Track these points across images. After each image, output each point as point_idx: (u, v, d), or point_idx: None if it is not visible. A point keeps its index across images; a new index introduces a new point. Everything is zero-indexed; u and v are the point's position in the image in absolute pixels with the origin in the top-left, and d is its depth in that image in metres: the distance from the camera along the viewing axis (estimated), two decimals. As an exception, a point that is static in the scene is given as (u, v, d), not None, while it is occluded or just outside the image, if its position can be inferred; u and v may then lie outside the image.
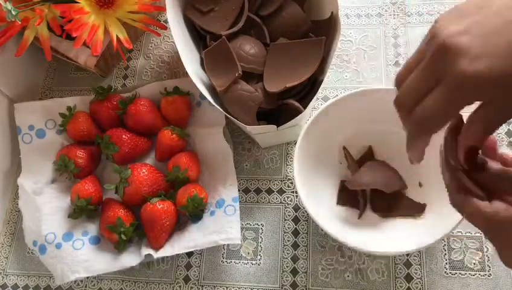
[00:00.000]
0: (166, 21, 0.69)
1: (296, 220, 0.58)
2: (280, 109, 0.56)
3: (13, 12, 0.55)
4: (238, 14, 0.58)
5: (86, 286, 0.59)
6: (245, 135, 0.63)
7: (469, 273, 0.52)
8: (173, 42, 0.71)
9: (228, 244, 0.58)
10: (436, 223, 0.49)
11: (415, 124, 0.32)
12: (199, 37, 0.62)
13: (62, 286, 0.60)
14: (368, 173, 0.54)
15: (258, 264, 0.57)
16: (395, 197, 0.54)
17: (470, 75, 0.27)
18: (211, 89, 0.57)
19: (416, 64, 0.32)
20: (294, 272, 0.56)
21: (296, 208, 0.59)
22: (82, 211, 0.58)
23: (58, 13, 0.59)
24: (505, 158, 0.34)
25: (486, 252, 0.53)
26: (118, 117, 0.63)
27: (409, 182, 0.55)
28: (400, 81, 0.33)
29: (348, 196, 0.55)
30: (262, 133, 0.56)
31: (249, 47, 0.56)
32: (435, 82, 0.30)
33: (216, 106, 0.53)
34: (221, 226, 0.54)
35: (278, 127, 0.53)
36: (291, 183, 0.60)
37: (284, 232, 0.58)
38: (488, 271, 0.52)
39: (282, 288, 0.55)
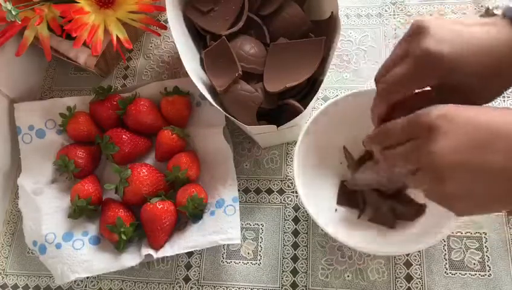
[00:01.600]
0: (166, 21, 0.69)
1: (296, 220, 0.58)
2: (280, 109, 0.56)
3: (13, 12, 0.55)
4: (238, 14, 0.58)
5: (86, 286, 0.59)
6: (245, 135, 0.63)
7: (469, 273, 0.52)
8: (173, 42, 0.71)
9: (228, 244, 0.58)
10: (436, 223, 0.48)
11: (383, 85, 0.39)
12: (199, 37, 0.62)
13: (62, 286, 0.60)
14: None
15: (258, 264, 0.57)
16: (395, 197, 0.54)
17: (432, 51, 0.35)
18: (211, 89, 0.57)
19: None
20: (294, 272, 0.56)
21: (296, 208, 0.59)
22: (82, 211, 0.58)
23: (58, 13, 0.59)
24: None
25: (486, 252, 0.53)
26: (118, 117, 0.63)
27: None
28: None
29: (348, 196, 0.55)
30: (263, 133, 0.56)
31: (249, 47, 0.56)
32: (405, 56, 0.37)
33: (216, 106, 0.53)
34: (221, 226, 0.54)
35: (278, 127, 0.53)
36: (291, 183, 0.60)
37: (284, 232, 0.58)
38: (488, 271, 0.52)
39: (282, 288, 0.55)
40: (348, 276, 0.54)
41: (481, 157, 0.31)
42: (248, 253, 0.58)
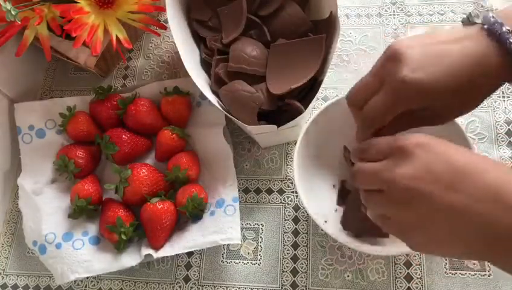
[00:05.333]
0: (166, 21, 0.69)
1: (296, 220, 0.58)
2: (280, 109, 0.56)
3: (13, 13, 0.55)
4: (238, 18, 0.58)
5: (86, 286, 0.59)
6: (245, 135, 0.63)
7: (469, 273, 0.52)
8: (173, 42, 0.71)
9: (228, 244, 0.58)
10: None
11: (364, 119, 0.39)
12: (199, 37, 0.62)
13: (62, 286, 0.60)
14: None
15: (258, 264, 0.57)
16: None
17: (408, 81, 0.34)
18: (211, 89, 0.57)
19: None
20: (294, 272, 0.56)
21: (296, 208, 0.59)
22: (82, 211, 0.58)
23: (58, 13, 0.59)
24: None
25: (486, 252, 0.53)
26: (118, 117, 0.63)
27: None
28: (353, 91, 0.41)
29: (348, 196, 0.55)
30: (263, 133, 0.56)
31: (250, 49, 0.56)
32: (381, 84, 0.37)
33: (217, 105, 0.53)
34: (221, 226, 0.54)
35: (278, 127, 0.53)
36: (291, 183, 0.60)
37: (284, 232, 0.58)
38: (488, 271, 0.52)
39: (282, 288, 0.55)
40: (348, 276, 0.54)
41: (444, 194, 0.31)
42: (248, 253, 0.58)
